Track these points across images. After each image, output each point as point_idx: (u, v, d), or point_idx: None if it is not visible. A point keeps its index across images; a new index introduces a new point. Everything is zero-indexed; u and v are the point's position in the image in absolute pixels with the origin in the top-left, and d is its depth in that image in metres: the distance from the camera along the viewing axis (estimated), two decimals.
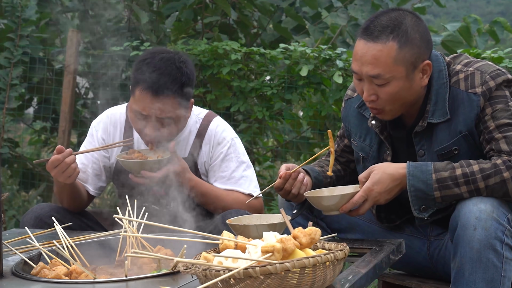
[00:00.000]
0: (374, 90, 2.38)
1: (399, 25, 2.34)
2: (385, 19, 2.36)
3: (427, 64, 2.38)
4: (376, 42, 2.34)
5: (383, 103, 2.40)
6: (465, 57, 2.50)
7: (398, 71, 2.34)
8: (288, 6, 5.82)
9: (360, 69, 2.37)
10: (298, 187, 2.51)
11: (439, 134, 2.43)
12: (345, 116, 2.72)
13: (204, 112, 3.06)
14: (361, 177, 2.41)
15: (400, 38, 2.33)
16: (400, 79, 2.35)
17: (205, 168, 2.99)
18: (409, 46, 2.34)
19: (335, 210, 2.39)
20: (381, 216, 2.67)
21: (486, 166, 2.28)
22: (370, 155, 2.60)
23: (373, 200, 2.38)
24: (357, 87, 2.45)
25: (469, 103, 2.37)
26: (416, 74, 2.38)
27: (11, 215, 5.70)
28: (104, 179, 3.07)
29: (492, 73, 2.37)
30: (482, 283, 2.20)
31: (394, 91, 2.36)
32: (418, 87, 2.41)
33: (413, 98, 2.42)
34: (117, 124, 3.05)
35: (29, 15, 5.77)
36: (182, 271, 1.76)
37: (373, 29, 2.35)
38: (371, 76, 2.35)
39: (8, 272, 2.15)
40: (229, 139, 2.99)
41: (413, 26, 2.35)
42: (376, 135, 2.58)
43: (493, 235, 2.19)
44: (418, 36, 2.35)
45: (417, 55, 2.36)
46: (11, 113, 5.75)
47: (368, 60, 2.35)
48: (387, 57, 2.33)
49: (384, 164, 2.41)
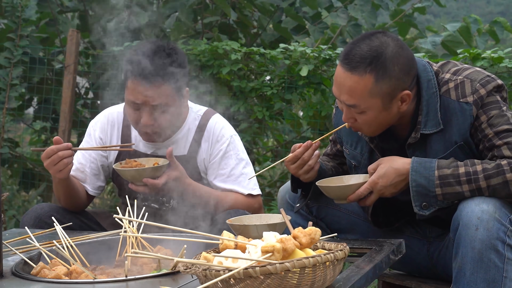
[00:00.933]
0: (351, 115, 2.42)
1: (378, 56, 2.32)
2: (365, 48, 2.33)
3: (406, 94, 2.37)
4: (353, 73, 2.33)
5: (362, 126, 2.43)
6: (453, 64, 2.48)
7: (373, 102, 2.35)
8: (288, 6, 5.82)
9: (339, 96, 2.40)
10: (315, 160, 2.55)
11: (434, 145, 2.42)
12: (336, 123, 2.73)
13: (203, 110, 3.06)
14: (370, 168, 2.43)
15: (377, 71, 2.31)
16: (375, 109, 2.36)
17: (205, 165, 2.99)
18: (387, 79, 2.33)
19: (343, 200, 2.46)
20: (379, 221, 2.66)
21: (489, 166, 2.28)
22: (362, 163, 2.62)
23: (379, 193, 2.40)
24: (339, 105, 2.52)
25: (461, 113, 2.37)
26: (394, 103, 2.38)
27: (11, 215, 5.70)
28: (102, 179, 3.07)
29: (482, 81, 2.37)
30: (483, 283, 2.20)
31: (370, 120, 2.39)
32: (396, 114, 2.42)
33: (392, 122, 2.44)
34: (115, 123, 3.05)
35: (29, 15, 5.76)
36: (182, 271, 1.76)
37: (352, 58, 2.34)
38: (348, 105, 2.38)
39: (8, 272, 2.15)
40: (228, 136, 3.00)
41: (393, 58, 2.33)
42: (366, 144, 2.59)
43: (495, 236, 2.19)
44: (397, 69, 2.33)
45: (395, 87, 2.34)
46: (11, 113, 5.75)
47: (345, 89, 2.36)
48: (363, 90, 2.33)
49: (392, 158, 2.42)
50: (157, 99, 2.78)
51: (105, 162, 3.06)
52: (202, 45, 4.92)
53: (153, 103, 2.78)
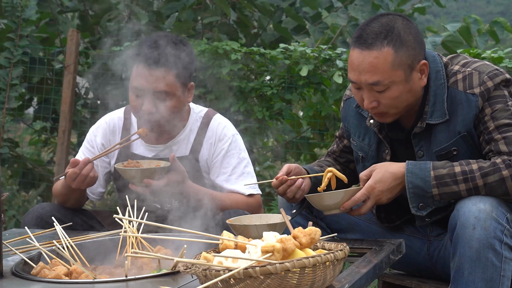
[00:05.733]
0: (374, 97, 2.39)
1: (391, 29, 2.35)
2: (376, 26, 2.36)
3: (423, 64, 2.39)
4: (371, 49, 2.34)
5: (385, 108, 2.40)
6: (463, 57, 2.50)
7: (397, 75, 2.35)
8: (288, 6, 5.82)
9: (359, 78, 2.38)
10: (294, 191, 2.50)
11: (438, 135, 2.43)
12: (344, 116, 2.72)
13: (204, 110, 3.07)
14: (362, 175, 2.41)
15: (394, 43, 2.33)
16: (399, 82, 2.36)
17: (207, 164, 3.00)
18: (405, 49, 2.34)
19: (336, 209, 2.38)
20: (381, 216, 2.67)
21: (485, 165, 2.29)
22: (369, 155, 2.61)
23: (375, 198, 2.38)
24: (355, 95, 2.46)
25: (467, 104, 2.38)
26: (414, 75, 2.38)
27: (11, 215, 5.70)
28: (103, 185, 3.08)
29: (490, 73, 2.38)
30: (481, 282, 2.20)
31: (395, 95, 2.37)
32: (418, 88, 2.41)
33: (414, 99, 2.42)
34: (116, 128, 3.06)
35: (29, 15, 5.76)
36: (182, 271, 1.76)
37: (366, 37, 2.35)
38: (370, 84, 2.36)
39: (8, 272, 2.15)
40: (230, 136, 3.01)
41: (405, 29, 2.36)
42: (375, 135, 2.58)
43: (492, 235, 2.19)
44: (411, 38, 2.36)
45: (413, 57, 2.36)
46: (11, 113, 5.75)
47: (365, 68, 2.35)
48: (385, 63, 2.33)
49: (386, 163, 2.41)
50: (160, 86, 2.79)
51: (107, 168, 3.06)
52: (202, 45, 4.91)
53: (156, 89, 2.79)
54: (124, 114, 3.06)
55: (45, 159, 6.50)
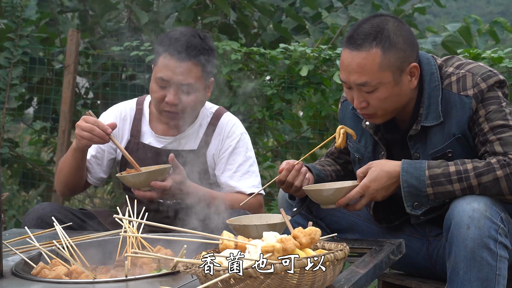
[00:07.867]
0: (363, 97, 2.40)
1: (381, 31, 2.35)
2: (367, 27, 2.37)
3: (414, 67, 2.39)
4: (360, 50, 2.35)
5: (374, 109, 2.42)
6: (457, 59, 2.50)
7: (385, 76, 2.35)
8: (288, 6, 5.82)
9: (348, 78, 2.39)
10: (301, 179, 2.52)
11: (433, 137, 2.43)
12: (341, 117, 2.73)
13: (215, 107, 3.11)
14: (359, 172, 2.43)
15: (383, 44, 2.34)
16: (387, 84, 2.36)
17: (214, 160, 3.03)
18: (393, 51, 2.34)
19: (331, 204, 2.42)
20: (379, 217, 2.67)
21: (479, 165, 2.29)
22: (366, 156, 2.62)
23: (370, 196, 2.40)
24: (347, 95, 2.48)
25: (461, 106, 2.38)
26: (403, 78, 2.38)
27: (11, 215, 5.70)
28: (105, 170, 3.10)
29: (483, 75, 2.38)
30: (477, 281, 2.20)
31: (383, 97, 2.38)
32: (408, 90, 2.42)
33: (404, 102, 2.43)
34: (127, 117, 3.08)
35: (29, 15, 5.76)
36: (182, 271, 1.77)
37: (356, 37, 2.36)
38: (359, 84, 2.37)
39: (8, 272, 2.15)
40: (238, 133, 3.04)
41: (395, 31, 2.36)
42: (371, 136, 2.59)
43: (486, 234, 2.20)
44: (401, 40, 2.36)
45: (403, 59, 2.36)
46: (11, 113, 5.75)
47: (354, 69, 2.36)
48: (372, 64, 2.34)
49: (383, 161, 2.42)
50: (187, 79, 2.82)
51: (113, 154, 3.07)
52: None
53: (182, 81, 2.82)
54: (137, 105, 3.09)
55: (45, 159, 6.50)
